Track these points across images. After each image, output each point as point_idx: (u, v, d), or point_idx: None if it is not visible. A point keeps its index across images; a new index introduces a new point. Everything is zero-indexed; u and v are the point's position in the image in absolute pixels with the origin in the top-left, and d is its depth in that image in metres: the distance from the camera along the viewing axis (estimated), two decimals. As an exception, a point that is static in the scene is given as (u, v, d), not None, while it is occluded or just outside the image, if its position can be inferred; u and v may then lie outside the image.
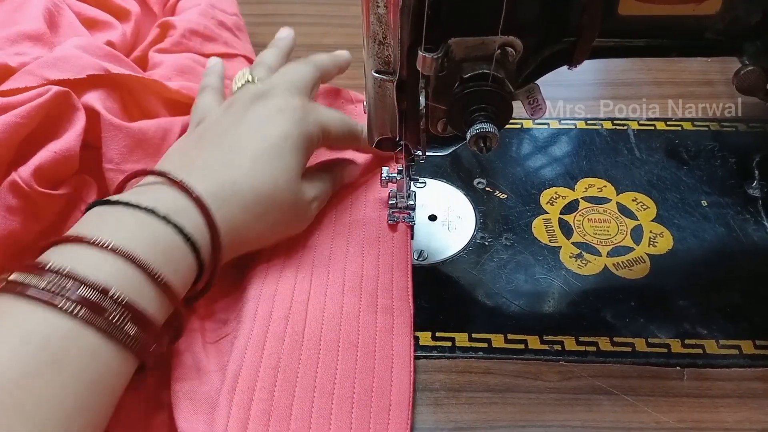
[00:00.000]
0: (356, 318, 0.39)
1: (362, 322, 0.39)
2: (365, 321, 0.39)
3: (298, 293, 0.40)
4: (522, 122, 0.52)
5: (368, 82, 0.34)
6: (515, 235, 0.45)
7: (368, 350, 0.37)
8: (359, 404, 0.35)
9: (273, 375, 0.36)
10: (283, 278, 0.41)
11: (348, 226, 0.44)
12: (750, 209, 0.45)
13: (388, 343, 0.38)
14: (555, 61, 0.32)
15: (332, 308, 0.39)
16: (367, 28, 0.30)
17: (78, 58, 0.43)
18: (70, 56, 0.43)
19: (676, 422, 0.35)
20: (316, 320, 0.38)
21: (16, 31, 0.44)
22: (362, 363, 0.37)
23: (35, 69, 0.42)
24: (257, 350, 0.37)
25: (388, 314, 0.39)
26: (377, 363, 0.37)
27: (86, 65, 0.43)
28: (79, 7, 0.50)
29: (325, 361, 0.37)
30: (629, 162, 0.49)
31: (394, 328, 0.39)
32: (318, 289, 0.40)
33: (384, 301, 0.40)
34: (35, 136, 0.40)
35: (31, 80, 0.41)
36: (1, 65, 0.42)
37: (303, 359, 0.37)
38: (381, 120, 0.35)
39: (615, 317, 0.40)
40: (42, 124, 0.40)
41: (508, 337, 0.39)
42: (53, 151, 0.40)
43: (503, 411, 0.36)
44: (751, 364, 0.38)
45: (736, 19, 0.31)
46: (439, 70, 0.29)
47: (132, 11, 0.54)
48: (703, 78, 0.55)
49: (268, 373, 0.36)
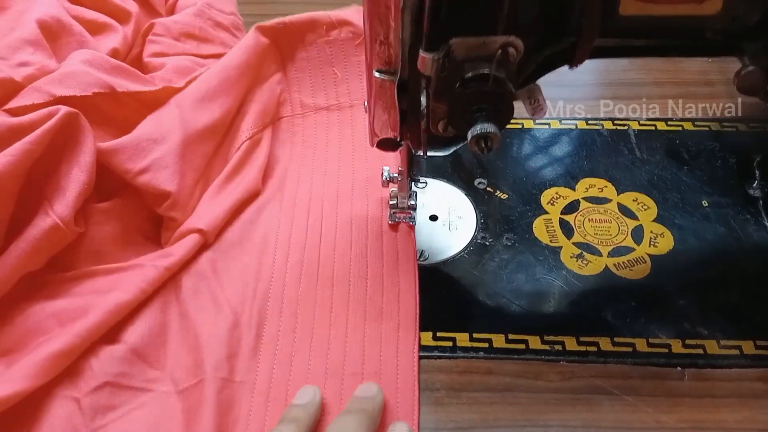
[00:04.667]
0: (362, 329, 0.39)
1: (367, 331, 0.39)
2: (370, 330, 0.39)
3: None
4: (523, 122, 0.52)
5: (369, 82, 0.34)
6: (516, 235, 0.45)
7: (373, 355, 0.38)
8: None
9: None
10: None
11: (350, 228, 0.44)
12: (750, 209, 0.45)
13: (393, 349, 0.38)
14: (556, 61, 0.32)
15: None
16: (368, 28, 0.30)
17: (84, 74, 0.43)
18: (76, 72, 0.43)
19: (677, 422, 0.35)
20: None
21: (18, 37, 0.44)
22: (369, 368, 0.38)
23: (42, 85, 0.42)
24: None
25: (393, 320, 0.40)
26: (383, 356, 0.38)
27: (93, 82, 0.43)
28: (77, 10, 0.51)
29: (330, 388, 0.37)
30: (630, 162, 0.49)
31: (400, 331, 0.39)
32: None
33: (389, 307, 0.40)
34: (44, 157, 0.40)
35: (38, 97, 0.41)
36: (7, 80, 0.42)
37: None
38: (382, 120, 0.35)
39: (616, 317, 0.40)
40: (50, 145, 0.40)
41: (509, 337, 0.39)
42: (82, 182, 0.40)
43: (504, 411, 0.36)
44: (752, 364, 0.38)
45: (736, 19, 0.31)
46: (440, 70, 0.29)
47: (132, 12, 0.54)
48: (703, 78, 0.55)
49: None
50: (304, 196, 0.47)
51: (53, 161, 0.40)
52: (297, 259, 0.43)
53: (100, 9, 0.52)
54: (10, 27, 0.45)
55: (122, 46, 0.50)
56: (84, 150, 0.41)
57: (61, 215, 0.39)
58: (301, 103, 0.53)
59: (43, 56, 0.44)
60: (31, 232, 0.38)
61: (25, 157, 0.38)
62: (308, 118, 0.53)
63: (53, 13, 0.46)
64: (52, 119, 0.39)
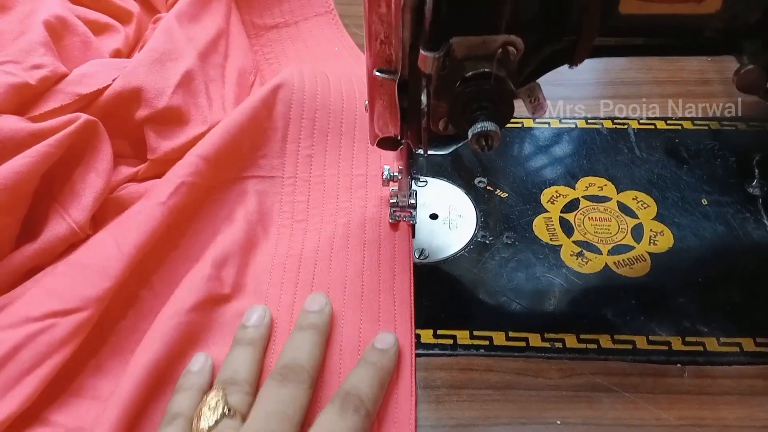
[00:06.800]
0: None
1: (363, 330, 0.39)
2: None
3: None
4: (523, 121, 0.52)
5: (370, 81, 0.34)
6: (516, 233, 0.45)
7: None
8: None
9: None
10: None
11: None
12: (750, 208, 0.46)
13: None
14: (556, 60, 0.32)
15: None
16: (368, 27, 0.31)
17: (98, 73, 0.45)
18: (93, 72, 0.45)
19: (677, 419, 0.35)
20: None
21: (29, 39, 0.44)
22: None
23: (65, 87, 0.43)
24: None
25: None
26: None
27: (110, 75, 0.45)
28: (80, 11, 0.51)
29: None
30: (629, 161, 0.49)
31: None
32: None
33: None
34: (60, 161, 0.41)
35: (63, 98, 0.43)
36: (22, 84, 0.42)
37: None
38: (382, 119, 0.35)
39: (616, 315, 0.40)
40: (69, 150, 0.41)
41: (509, 335, 0.39)
42: (99, 188, 0.41)
43: (504, 408, 0.36)
44: (752, 361, 0.38)
45: (736, 18, 0.31)
46: (441, 69, 0.30)
47: (133, 12, 0.54)
48: (702, 77, 0.55)
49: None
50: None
51: (69, 166, 0.41)
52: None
53: (101, 9, 0.53)
54: (19, 29, 0.45)
55: (124, 46, 0.51)
56: (102, 157, 0.42)
57: (77, 220, 0.40)
58: (253, 24, 0.59)
59: (53, 58, 0.45)
60: (46, 235, 0.40)
61: (44, 159, 0.39)
62: (262, 38, 0.58)
63: (58, 13, 0.47)
64: (72, 125, 0.40)
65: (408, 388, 0.36)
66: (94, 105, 0.44)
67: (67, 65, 0.45)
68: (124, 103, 0.45)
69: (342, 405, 0.33)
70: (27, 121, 0.41)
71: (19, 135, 0.39)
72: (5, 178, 0.37)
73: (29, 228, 0.40)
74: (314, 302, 0.39)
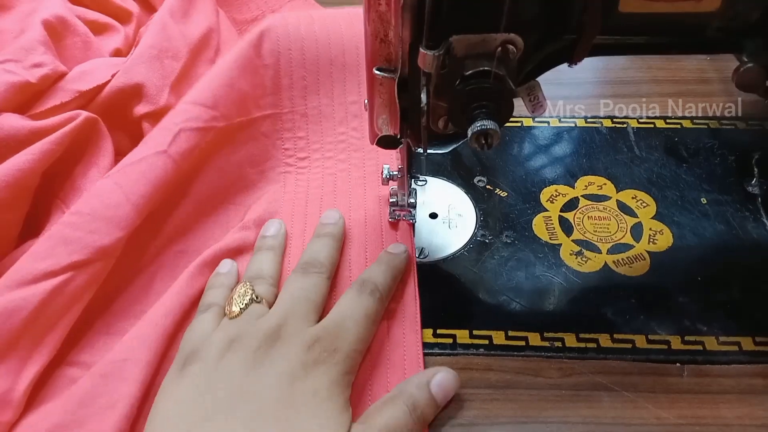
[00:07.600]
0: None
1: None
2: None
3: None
4: (522, 120, 0.52)
5: (369, 80, 0.34)
6: (516, 232, 0.45)
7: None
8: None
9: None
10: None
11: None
12: (749, 206, 0.46)
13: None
14: (556, 59, 0.32)
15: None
16: (368, 26, 0.31)
17: (98, 69, 0.45)
18: (92, 69, 0.45)
19: (676, 418, 0.35)
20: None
21: (30, 38, 0.44)
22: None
23: (65, 85, 0.43)
24: None
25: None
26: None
27: (108, 71, 0.45)
28: (79, 11, 0.51)
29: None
30: (629, 160, 0.49)
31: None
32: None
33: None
34: (61, 158, 0.41)
35: (64, 96, 0.43)
36: (22, 83, 0.42)
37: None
38: (382, 118, 0.35)
39: (615, 314, 0.40)
40: (70, 146, 0.41)
41: (508, 334, 0.39)
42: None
43: (504, 407, 0.36)
44: (751, 360, 0.38)
45: (736, 17, 0.31)
46: (441, 68, 0.30)
47: (133, 12, 0.54)
48: (702, 76, 0.55)
49: None
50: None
51: (70, 162, 0.41)
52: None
53: (101, 9, 0.53)
54: (19, 28, 0.45)
55: (124, 46, 0.51)
56: (103, 153, 0.42)
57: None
58: (234, 20, 0.60)
59: (53, 57, 0.45)
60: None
61: (45, 156, 0.39)
62: (244, 32, 0.59)
63: (58, 13, 0.47)
64: (73, 122, 0.41)
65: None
66: (95, 102, 0.44)
67: (68, 65, 0.45)
68: (124, 100, 0.45)
69: (360, 288, 0.38)
70: (28, 119, 0.41)
71: (21, 133, 0.39)
72: (7, 176, 0.38)
73: (32, 225, 0.40)
74: (329, 217, 0.44)
